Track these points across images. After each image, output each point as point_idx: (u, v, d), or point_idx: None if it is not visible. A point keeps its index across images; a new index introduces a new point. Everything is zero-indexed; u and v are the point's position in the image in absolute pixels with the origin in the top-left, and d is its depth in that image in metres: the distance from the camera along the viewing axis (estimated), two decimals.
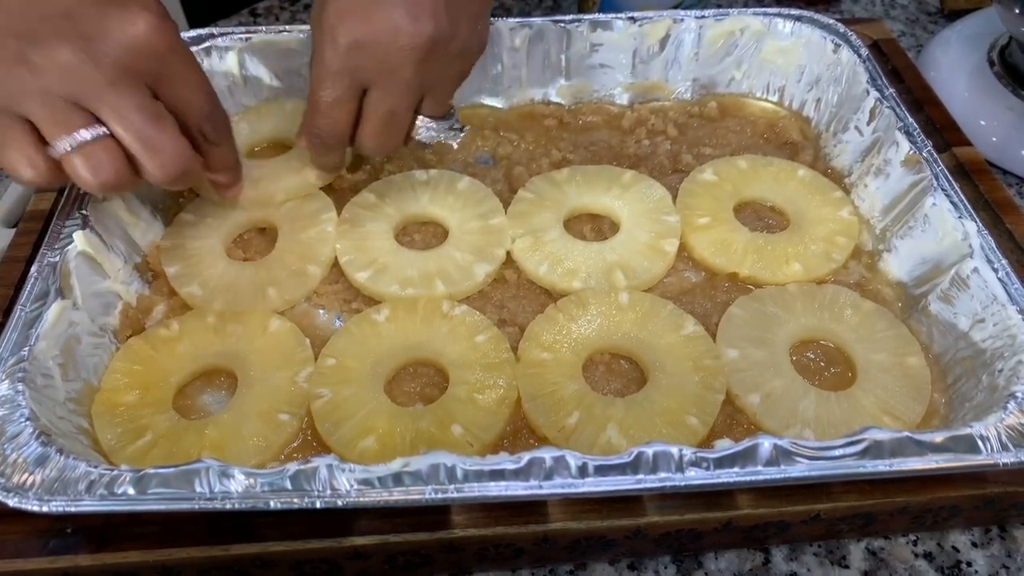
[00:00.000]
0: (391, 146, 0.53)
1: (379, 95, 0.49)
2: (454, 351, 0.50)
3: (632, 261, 0.55)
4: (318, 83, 0.49)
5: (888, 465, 0.39)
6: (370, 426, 0.46)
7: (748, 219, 0.59)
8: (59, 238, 0.50)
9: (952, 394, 0.48)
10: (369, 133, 0.51)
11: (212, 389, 0.50)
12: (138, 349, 0.50)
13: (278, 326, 0.51)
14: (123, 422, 0.46)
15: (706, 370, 0.48)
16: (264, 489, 0.38)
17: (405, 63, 0.47)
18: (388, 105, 0.49)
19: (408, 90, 0.49)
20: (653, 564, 0.45)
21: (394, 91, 0.49)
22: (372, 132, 0.51)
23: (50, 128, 0.42)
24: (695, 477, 0.39)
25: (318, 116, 0.51)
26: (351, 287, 0.55)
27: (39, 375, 0.44)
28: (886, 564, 0.45)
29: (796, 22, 0.65)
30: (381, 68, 0.48)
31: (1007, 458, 0.40)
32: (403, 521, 0.41)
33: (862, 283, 0.55)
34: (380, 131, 0.51)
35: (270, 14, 0.88)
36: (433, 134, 0.54)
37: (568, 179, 0.61)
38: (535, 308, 0.53)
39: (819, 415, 0.46)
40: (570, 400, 0.47)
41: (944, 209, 0.52)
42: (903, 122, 0.57)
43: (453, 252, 0.56)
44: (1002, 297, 0.47)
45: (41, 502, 0.38)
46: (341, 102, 0.49)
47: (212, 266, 0.55)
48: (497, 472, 0.38)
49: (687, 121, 0.67)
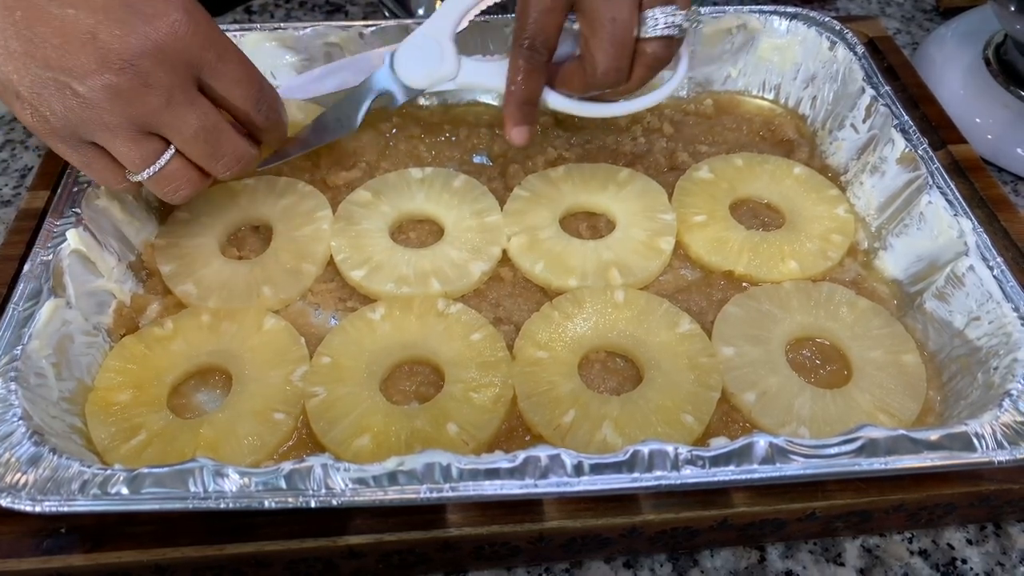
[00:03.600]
0: (622, 61, 0.47)
1: (596, 3, 0.46)
2: (450, 349, 0.49)
3: (628, 259, 0.55)
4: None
5: (884, 463, 0.39)
6: (365, 425, 0.45)
7: (744, 217, 0.59)
8: (52, 236, 0.49)
9: (947, 392, 0.48)
10: (598, 49, 0.47)
11: (207, 388, 0.50)
12: (132, 348, 0.50)
13: (273, 324, 0.51)
14: (117, 421, 0.46)
15: (702, 368, 0.48)
16: (259, 488, 0.38)
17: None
18: (610, 12, 0.46)
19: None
20: (649, 562, 0.45)
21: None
22: (601, 47, 0.47)
23: (124, 162, 0.44)
24: (691, 475, 0.39)
25: (530, 24, 0.48)
26: (346, 285, 0.55)
27: (32, 374, 0.44)
28: (881, 562, 0.45)
29: (792, 20, 0.65)
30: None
31: (1002, 456, 0.40)
32: (398, 520, 0.41)
33: (858, 281, 0.55)
34: (610, 43, 0.47)
35: (265, 11, 0.87)
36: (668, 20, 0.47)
37: (564, 177, 0.60)
38: (531, 306, 0.53)
39: (815, 413, 0.46)
40: (566, 398, 0.47)
41: (939, 207, 0.52)
42: (899, 120, 0.57)
43: (449, 250, 0.56)
44: (997, 295, 0.47)
45: (34, 502, 0.38)
46: (555, 8, 0.47)
47: (206, 264, 0.55)
48: (492, 471, 0.38)
49: (683, 119, 0.67)
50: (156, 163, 0.45)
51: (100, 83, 0.40)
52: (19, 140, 0.71)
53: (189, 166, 0.46)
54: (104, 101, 0.41)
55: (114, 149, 0.44)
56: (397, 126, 0.65)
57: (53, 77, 0.40)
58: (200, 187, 0.47)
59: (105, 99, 0.41)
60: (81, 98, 0.41)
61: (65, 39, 0.40)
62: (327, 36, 0.64)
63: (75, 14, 0.40)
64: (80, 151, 0.44)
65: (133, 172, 0.45)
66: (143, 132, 0.43)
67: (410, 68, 0.55)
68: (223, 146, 0.46)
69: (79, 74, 0.40)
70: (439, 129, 0.65)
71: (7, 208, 0.64)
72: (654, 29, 0.48)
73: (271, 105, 0.49)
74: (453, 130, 0.65)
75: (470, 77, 0.55)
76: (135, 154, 0.44)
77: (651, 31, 0.48)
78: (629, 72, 0.49)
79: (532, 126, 0.53)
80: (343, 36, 0.64)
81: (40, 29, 0.40)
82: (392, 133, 0.65)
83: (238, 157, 0.47)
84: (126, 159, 0.44)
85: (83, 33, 0.40)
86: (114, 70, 0.40)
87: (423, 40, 0.55)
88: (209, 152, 0.45)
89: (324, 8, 0.88)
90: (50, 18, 0.39)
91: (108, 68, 0.40)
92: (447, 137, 0.65)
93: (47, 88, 0.41)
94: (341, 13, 0.87)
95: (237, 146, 0.47)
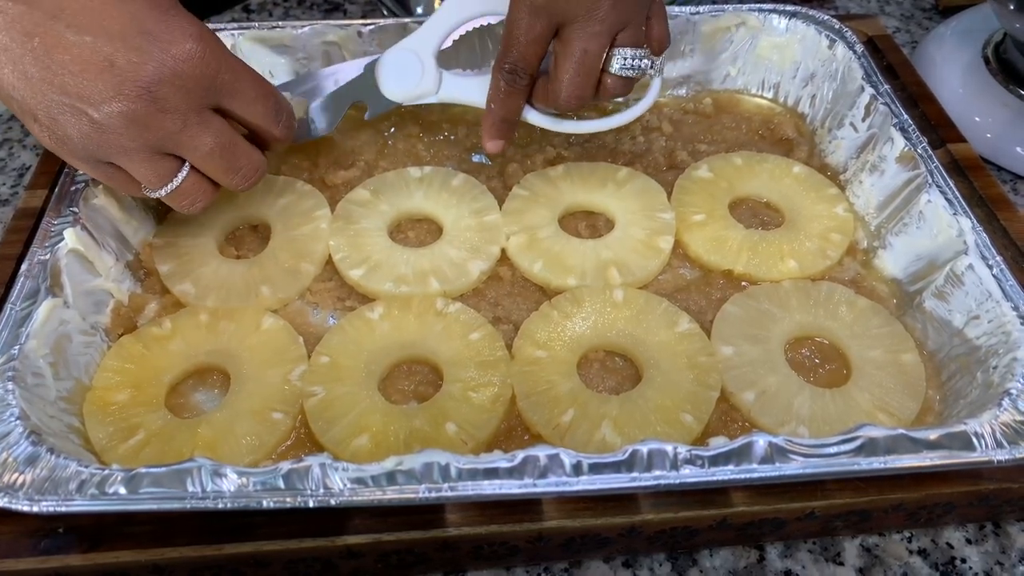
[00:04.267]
0: (586, 91, 0.51)
1: (574, 33, 0.49)
2: (448, 349, 0.49)
3: (627, 258, 0.55)
4: (516, 19, 0.49)
5: (883, 462, 0.39)
6: (364, 424, 0.45)
7: (743, 216, 0.59)
8: (50, 236, 0.49)
9: (947, 391, 0.48)
10: (564, 76, 0.50)
11: (205, 387, 0.50)
12: (130, 347, 0.50)
13: (271, 324, 0.51)
14: (115, 421, 0.46)
15: (701, 367, 0.48)
16: (257, 488, 0.38)
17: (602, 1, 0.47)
18: (583, 44, 0.49)
19: (604, 26, 0.48)
20: (648, 562, 0.45)
21: (591, 27, 0.48)
22: (567, 75, 0.50)
23: (141, 180, 0.45)
24: (690, 475, 0.39)
25: (514, 50, 0.50)
26: (345, 285, 0.55)
27: (29, 374, 0.44)
28: (881, 561, 0.45)
29: (791, 18, 0.65)
30: (581, 3, 0.47)
31: (1001, 455, 0.40)
32: (397, 520, 0.41)
33: (857, 280, 0.55)
34: (576, 72, 0.50)
35: (263, 10, 0.87)
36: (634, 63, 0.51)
37: (563, 176, 0.60)
38: (530, 306, 0.53)
39: (814, 412, 0.46)
40: (565, 398, 0.47)
41: (939, 206, 0.52)
42: (898, 118, 0.57)
43: (447, 249, 0.55)
44: (996, 294, 0.47)
45: (31, 502, 0.38)
46: (539, 40, 0.49)
47: (205, 264, 0.54)
48: (491, 470, 0.38)
49: (682, 118, 0.67)
50: (173, 181, 0.46)
51: (117, 110, 0.41)
52: (17, 139, 0.70)
53: (205, 180, 0.47)
54: (120, 127, 0.42)
55: (131, 169, 0.45)
56: (395, 125, 0.65)
57: (70, 103, 0.41)
58: (212, 200, 0.48)
59: (121, 125, 0.42)
60: (97, 124, 0.41)
61: (83, 66, 0.40)
62: (325, 35, 0.64)
63: (92, 41, 0.40)
64: (99, 169, 0.45)
65: (151, 189, 0.46)
66: (159, 153, 0.44)
67: (390, 81, 0.55)
68: (238, 160, 0.47)
69: (96, 101, 0.41)
70: (438, 128, 0.65)
71: (4, 207, 0.64)
72: (619, 68, 0.50)
73: (288, 115, 0.50)
74: (452, 129, 0.65)
75: (451, 92, 0.56)
76: (152, 174, 0.45)
77: (615, 68, 0.50)
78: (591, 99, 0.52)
79: (508, 140, 0.55)
80: (342, 35, 0.64)
81: (58, 56, 0.40)
82: (391, 132, 0.65)
83: (254, 168, 0.48)
84: (143, 178, 0.45)
85: (100, 60, 0.40)
86: (131, 97, 0.41)
87: (405, 54, 0.55)
88: (225, 168, 0.46)
89: (323, 7, 0.88)
90: (68, 45, 0.40)
91: (124, 95, 0.41)
92: (446, 136, 0.65)
93: (64, 114, 0.41)
94: (340, 12, 0.87)
95: (252, 159, 0.48)
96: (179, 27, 0.42)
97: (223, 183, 0.48)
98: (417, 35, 0.55)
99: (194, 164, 0.46)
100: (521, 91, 0.52)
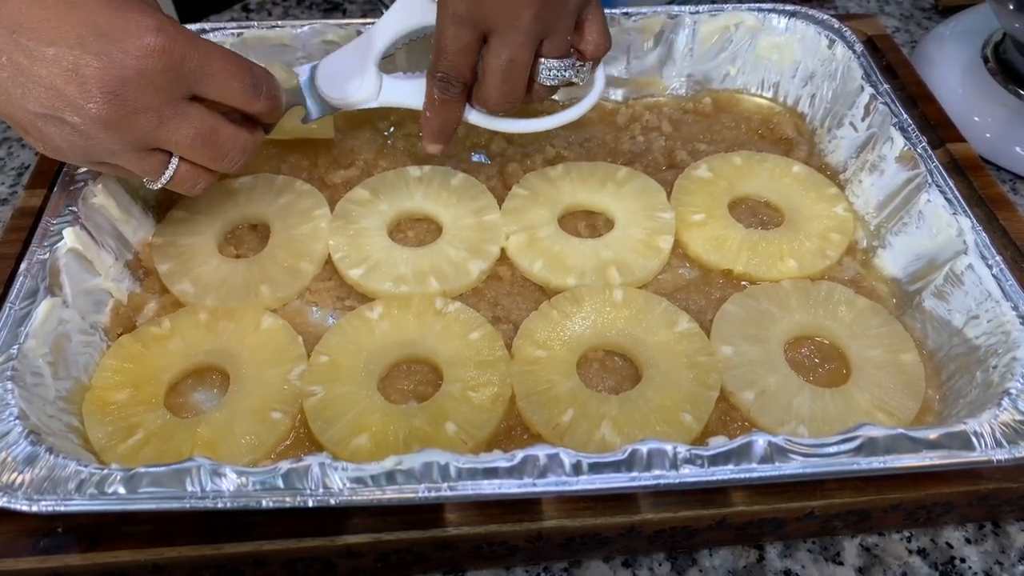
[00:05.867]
0: (514, 97, 0.52)
1: (499, 42, 0.49)
2: (448, 348, 0.49)
3: (627, 258, 0.55)
4: (443, 29, 0.50)
5: (882, 462, 0.39)
6: (363, 424, 0.45)
7: (743, 215, 0.59)
8: (49, 235, 0.49)
9: (946, 391, 0.48)
10: (492, 83, 0.50)
11: (204, 387, 0.50)
12: (129, 347, 0.49)
13: (270, 323, 0.51)
14: (114, 420, 0.46)
15: (700, 367, 0.48)
16: (256, 488, 0.38)
17: (525, 9, 0.47)
18: (509, 53, 0.49)
19: (528, 36, 0.49)
20: (647, 561, 0.45)
21: (514, 37, 0.48)
22: (494, 82, 0.50)
23: (137, 174, 0.46)
24: (689, 475, 0.39)
25: (443, 61, 0.50)
26: (344, 284, 0.55)
27: (29, 373, 0.44)
28: (880, 561, 0.45)
29: (791, 18, 0.65)
30: (502, 14, 0.48)
31: (1001, 455, 0.40)
32: (396, 519, 0.41)
33: (856, 280, 0.55)
34: (503, 80, 0.50)
35: (262, 9, 0.87)
36: (556, 74, 0.51)
37: (562, 176, 0.60)
38: (529, 305, 0.53)
39: (813, 412, 0.46)
40: (564, 397, 0.47)
41: (938, 205, 0.52)
42: (898, 118, 0.57)
43: (447, 249, 0.55)
44: (996, 294, 0.47)
45: (31, 501, 0.38)
46: (467, 49, 0.50)
47: (204, 263, 0.54)
48: (491, 470, 0.38)
49: (682, 117, 0.67)
50: (165, 173, 0.46)
51: (91, 116, 0.41)
52: (16, 138, 0.70)
53: (197, 167, 0.47)
54: (98, 132, 0.42)
55: (124, 166, 0.45)
56: (395, 124, 0.65)
57: (50, 115, 0.41)
58: (213, 180, 0.49)
59: (99, 130, 0.42)
60: (79, 132, 0.42)
61: (52, 78, 0.40)
62: (324, 34, 0.64)
63: (55, 53, 0.40)
64: (99, 167, 0.47)
65: (149, 181, 0.47)
66: (144, 150, 0.44)
67: (330, 84, 0.54)
68: (223, 145, 0.46)
69: (71, 110, 0.41)
70: None
71: (4, 206, 0.64)
72: (543, 78, 0.51)
73: (268, 86, 0.49)
74: None
75: (391, 96, 0.55)
76: (143, 169, 0.46)
77: (540, 78, 0.51)
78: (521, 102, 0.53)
79: (447, 144, 0.55)
80: (341, 34, 0.64)
81: (28, 71, 0.40)
82: (390, 131, 0.65)
83: (241, 149, 0.47)
84: (137, 173, 0.46)
85: (66, 71, 0.40)
86: (100, 103, 0.41)
87: (347, 57, 0.54)
88: (211, 155, 0.46)
89: (322, 6, 0.87)
90: (34, 59, 0.40)
91: (95, 101, 0.41)
92: None
93: (48, 125, 0.42)
94: (339, 11, 0.87)
95: (237, 140, 0.47)
96: (135, 22, 0.41)
97: (213, 168, 0.48)
98: (360, 40, 0.55)
99: (181, 155, 0.46)
100: (455, 99, 0.52)
